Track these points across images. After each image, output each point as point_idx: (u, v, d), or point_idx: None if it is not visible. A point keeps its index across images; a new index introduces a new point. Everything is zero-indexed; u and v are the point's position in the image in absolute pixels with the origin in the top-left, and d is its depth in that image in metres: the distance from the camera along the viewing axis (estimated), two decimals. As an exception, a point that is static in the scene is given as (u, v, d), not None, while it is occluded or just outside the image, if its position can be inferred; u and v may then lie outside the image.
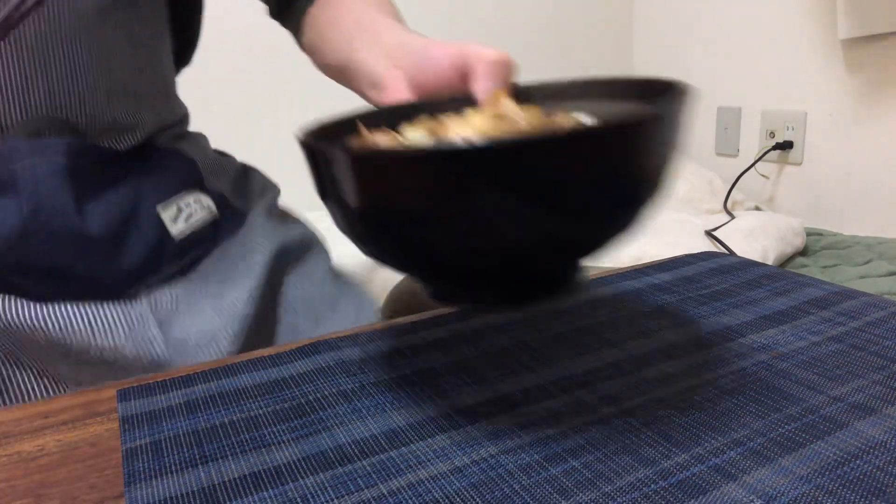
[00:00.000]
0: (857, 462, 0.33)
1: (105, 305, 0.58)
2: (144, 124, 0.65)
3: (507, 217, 0.32)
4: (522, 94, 0.50)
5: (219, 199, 0.69)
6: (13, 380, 0.57)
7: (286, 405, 0.42)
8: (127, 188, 0.61)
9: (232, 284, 0.66)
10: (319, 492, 0.33)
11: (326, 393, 0.43)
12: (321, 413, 0.40)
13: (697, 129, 2.17)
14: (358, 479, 0.34)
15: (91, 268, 0.58)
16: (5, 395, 0.57)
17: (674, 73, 2.23)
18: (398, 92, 0.55)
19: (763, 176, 1.97)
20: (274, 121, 1.84)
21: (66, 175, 0.56)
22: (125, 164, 0.62)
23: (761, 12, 1.92)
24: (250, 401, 0.42)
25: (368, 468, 0.35)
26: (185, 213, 0.64)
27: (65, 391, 0.58)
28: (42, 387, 0.58)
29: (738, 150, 2.06)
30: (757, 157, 1.93)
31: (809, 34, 1.81)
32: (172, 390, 0.44)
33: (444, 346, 0.49)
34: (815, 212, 1.86)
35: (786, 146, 1.90)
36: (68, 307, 0.56)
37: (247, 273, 0.67)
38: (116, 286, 0.59)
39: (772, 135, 1.94)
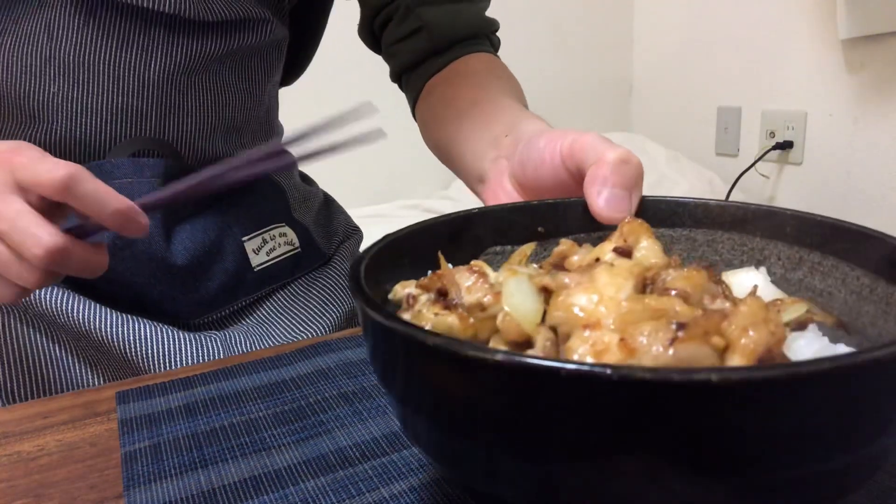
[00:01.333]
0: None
1: (181, 332, 0.59)
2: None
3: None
4: (656, 214, 0.37)
5: (302, 234, 0.69)
6: (91, 384, 0.58)
7: (286, 408, 0.41)
8: (217, 215, 0.62)
9: (306, 326, 0.66)
10: (320, 495, 0.33)
11: (327, 395, 0.43)
12: (322, 416, 0.40)
13: (697, 129, 2.17)
14: (359, 482, 0.34)
15: (167, 294, 0.59)
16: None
17: (674, 73, 2.23)
18: (498, 189, 0.49)
19: (763, 176, 1.97)
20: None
21: None
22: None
23: (761, 12, 1.92)
24: (250, 403, 0.42)
25: (370, 471, 0.34)
26: (268, 246, 0.65)
27: None
28: None
29: (739, 150, 2.06)
30: (757, 157, 1.93)
31: (809, 34, 1.80)
32: (172, 392, 0.44)
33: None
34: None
35: (786, 146, 1.89)
36: (146, 326, 0.57)
37: (324, 319, 0.67)
38: (190, 313, 0.61)
39: (772, 135, 1.94)
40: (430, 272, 0.33)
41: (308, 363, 0.47)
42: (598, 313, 0.26)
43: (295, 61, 0.77)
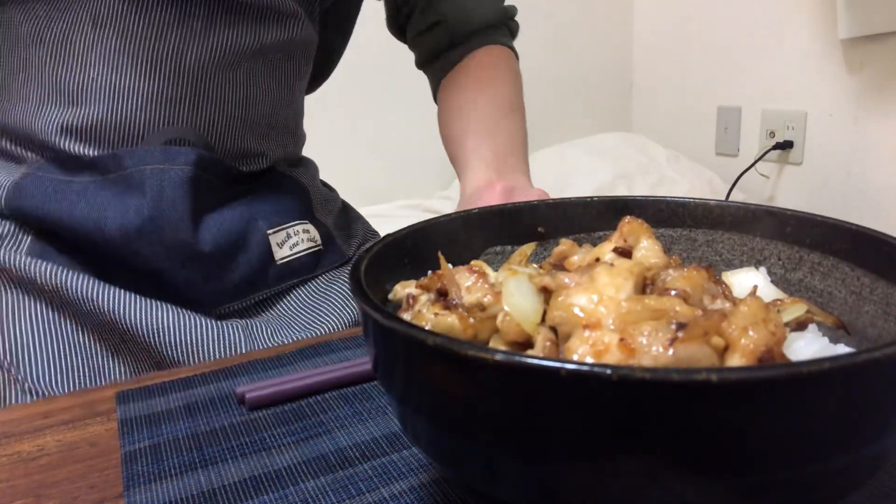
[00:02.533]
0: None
1: (203, 318, 0.59)
2: (271, 155, 0.69)
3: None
4: (656, 214, 0.37)
5: (324, 232, 0.71)
6: (113, 371, 0.59)
7: (286, 408, 0.41)
8: (243, 207, 0.63)
9: (325, 322, 0.67)
10: (320, 495, 0.33)
11: (327, 395, 0.43)
12: (322, 416, 0.40)
13: (697, 129, 2.17)
14: (359, 482, 0.34)
15: (192, 280, 0.60)
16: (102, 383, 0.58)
17: (674, 73, 2.23)
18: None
19: (763, 176, 1.97)
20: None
21: (190, 185, 0.59)
22: (245, 183, 0.66)
23: (761, 12, 1.92)
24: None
25: (370, 472, 0.35)
26: (292, 241, 0.66)
27: None
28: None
29: (738, 150, 2.06)
30: (757, 157, 1.92)
31: (809, 34, 1.80)
32: (172, 392, 0.44)
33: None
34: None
35: (786, 146, 1.89)
36: (171, 312, 0.58)
37: (343, 317, 0.68)
38: (213, 301, 0.61)
39: (772, 135, 1.94)
40: (430, 272, 0.33)
41: (308, 363, 0.47)
42: (598, 313, 0.26)
43: (321, 69, 0.79)
